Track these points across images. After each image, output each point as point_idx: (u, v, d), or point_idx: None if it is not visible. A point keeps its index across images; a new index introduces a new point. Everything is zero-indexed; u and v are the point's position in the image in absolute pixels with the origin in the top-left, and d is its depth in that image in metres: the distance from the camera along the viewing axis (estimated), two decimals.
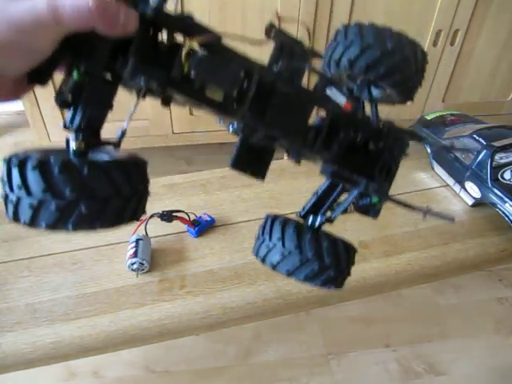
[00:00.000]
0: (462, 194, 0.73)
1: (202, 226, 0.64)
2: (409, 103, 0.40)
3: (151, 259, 0.59)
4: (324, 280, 0.36)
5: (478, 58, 1.55)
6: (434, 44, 1.47)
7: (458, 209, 0.71)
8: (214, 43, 0.28)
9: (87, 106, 0.27)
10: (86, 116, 0.27)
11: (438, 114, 0.87)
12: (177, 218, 0.63)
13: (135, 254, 0.57)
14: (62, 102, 0.27)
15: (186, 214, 0.64)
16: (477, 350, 0.79)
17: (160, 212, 0.63)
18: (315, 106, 0.33)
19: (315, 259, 0.35)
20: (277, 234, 0.36)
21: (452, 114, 0.86)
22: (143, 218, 0.63)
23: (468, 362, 0.82)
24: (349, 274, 0.38)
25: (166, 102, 0.31)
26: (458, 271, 0.65)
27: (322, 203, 0.42)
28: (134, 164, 0.29)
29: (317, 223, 0.39)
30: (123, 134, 0.31)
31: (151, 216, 0.63)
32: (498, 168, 0.68)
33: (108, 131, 0.30)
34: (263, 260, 0.37)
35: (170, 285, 0.57)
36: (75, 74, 0.26)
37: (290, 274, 0.35)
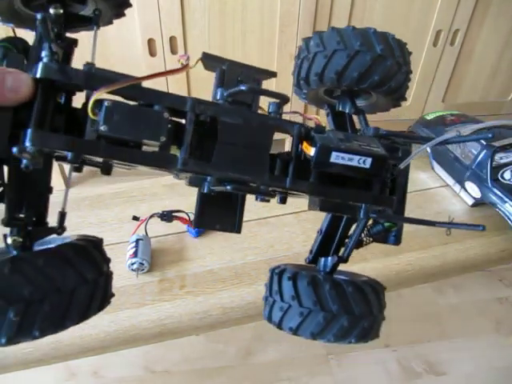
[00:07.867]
0: (462, 194, 0.73)
1: None
2: (407, 103, 0.38)
3: (151, 259, 0.59)
4: (358, 335, 0.30)
5: (478, 58, 1.55)
6: (434, 44, 1.47)
7: (458, 209, 0.71)
8: (127, 89, 0.24)
9: (11, 196, 0.24)
10: (12, 208, 0.24)
11: (437, 114, 0.87)
12: (177, 217, 0.63)
13: (135, 254, 0.57)
14: None
15: (186, 214, 0.64)
16: (477, 349, 0.79)
17: (160, 212, 0.63)
18: (274, 133, 0.28)
19: (343, 312, 0.29)
20: (289, 291, 0.31)
21: (452, 114, 0.86)
22: (143, 217, 0.63)
23: (468, 362, 0.82)
24: (383, 318, 0.33)
25: (106, 170, 0.27)
26: (458, 271, 0.65)
27: (330, 241, 0.36)
28: (94, 245, 0.26)
29: (329, 266, 0.34)
30: (63, 216, 0.27)
31: (151, 216, 0.63)
32: (497, 168, 0.68)
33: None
34: (279, 325, 0.32)
35: (170, 285, 0.57)
36: None
37: (315, 336, 0.30)
